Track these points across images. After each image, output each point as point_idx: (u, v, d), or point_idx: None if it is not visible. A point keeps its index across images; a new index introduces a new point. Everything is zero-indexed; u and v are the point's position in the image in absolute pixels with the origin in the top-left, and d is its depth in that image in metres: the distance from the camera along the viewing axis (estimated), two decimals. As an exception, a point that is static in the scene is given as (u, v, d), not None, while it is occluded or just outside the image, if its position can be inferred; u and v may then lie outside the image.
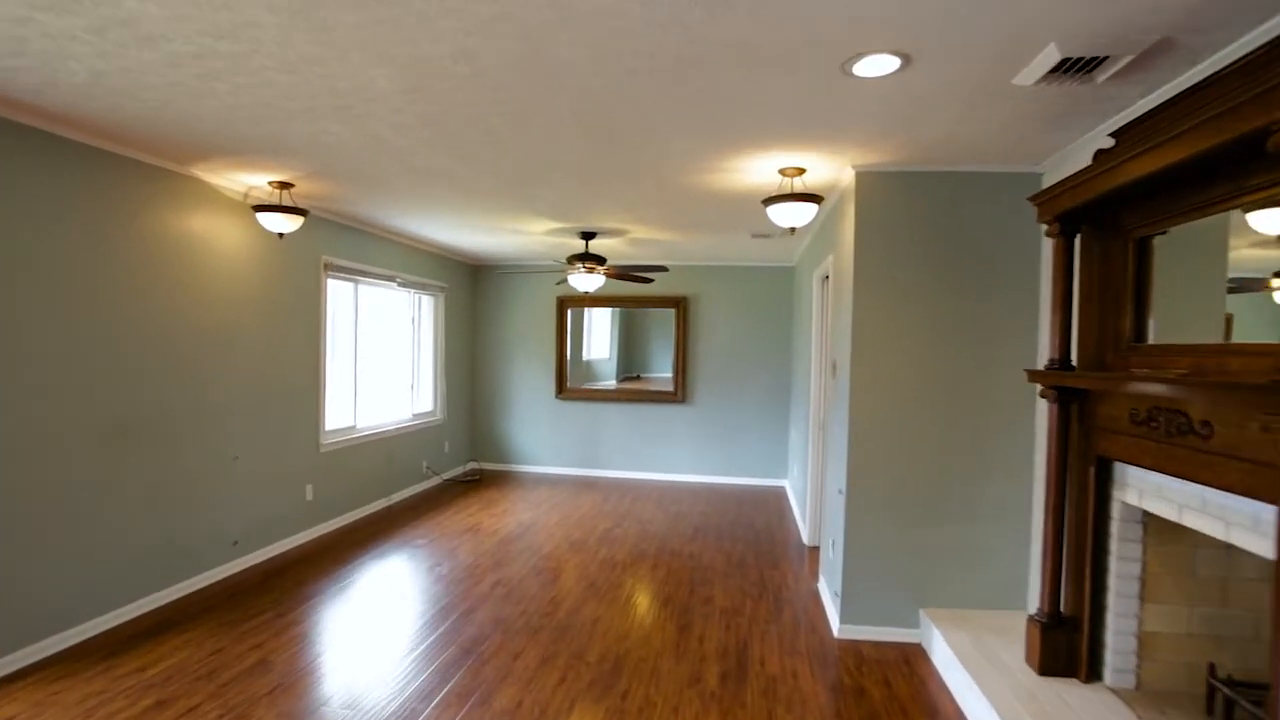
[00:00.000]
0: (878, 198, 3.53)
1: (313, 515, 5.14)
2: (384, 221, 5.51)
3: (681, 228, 5.44)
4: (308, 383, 5.07)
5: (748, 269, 7.58)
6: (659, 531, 5.61)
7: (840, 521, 3.69)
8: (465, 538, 5.32)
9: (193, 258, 4.03)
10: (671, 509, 6.39)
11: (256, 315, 4.54)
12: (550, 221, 5.28)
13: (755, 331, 7.58)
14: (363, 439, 5.81)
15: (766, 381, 7.56)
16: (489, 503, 6.49)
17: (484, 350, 8.13)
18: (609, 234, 5.75)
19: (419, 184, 4.17)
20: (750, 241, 6.03)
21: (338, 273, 5.40)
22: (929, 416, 3.50)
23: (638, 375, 8.08)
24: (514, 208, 4.78)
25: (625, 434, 7.83)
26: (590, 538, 5.39)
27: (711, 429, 7.67)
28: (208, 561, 4.14)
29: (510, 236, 6.09)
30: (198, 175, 3.97)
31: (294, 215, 4.22)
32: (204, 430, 4.11)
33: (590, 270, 5.67)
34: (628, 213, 4.89)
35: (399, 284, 6.32)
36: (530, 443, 8.04)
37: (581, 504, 6.51)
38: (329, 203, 4.82)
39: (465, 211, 5.00)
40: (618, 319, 8.12)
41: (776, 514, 6.28)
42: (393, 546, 5.04)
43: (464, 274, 7.76)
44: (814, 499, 5.22)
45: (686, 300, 7.66)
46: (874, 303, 3.53)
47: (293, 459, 4.92)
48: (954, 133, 2.99)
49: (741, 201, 4.37)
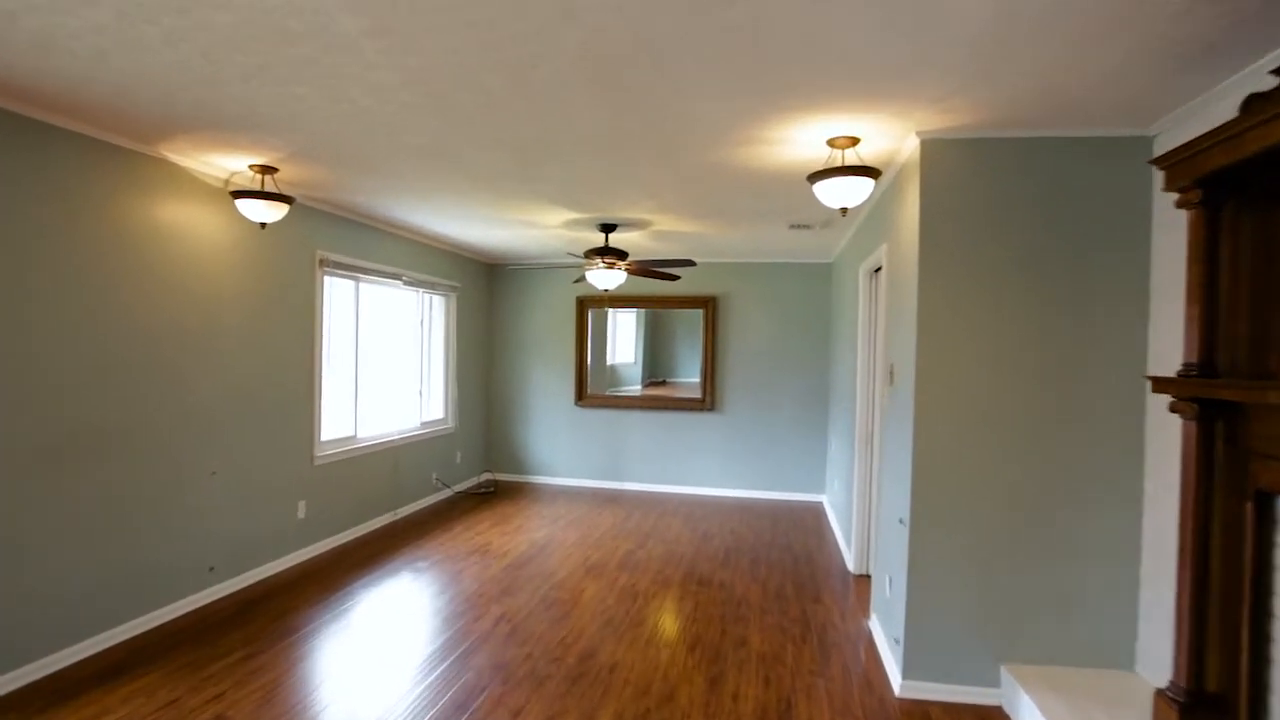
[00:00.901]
0: (947, 171, 2.95)
1: (304, 535, 4.70)
2: (385, 213, 5.07)
3: (710, 217, 4.90)
4: (300, 389, 4.63)
5: (782, 266, 7.00)
6: (686, 554, 5.06)
7: (901, 556, 3.11)
8: (472, 560, 4.83)
9: (164, 251, 3.60)
10: (700, 527, 5.83)
11: (240, 314, 4.11)
12: (565, 211, 4.78)
13: (790, 333, 6.99)
14: (364, 450, 5.37)
15: (802, 388, 6.96)
16: (502, 518, 6.00)
17: (499, 354, 7.67)
18: (630, 226, 5.24)
19: (412, 166, 3.70)
20: (786, 235, 5.46)
21: (335, 269, 4.96)
22: (1012, 433, 2.90)
23: (664, 380, 7.55)
24: (521, 193, 4.29)
25: (649, 444, 7.29)
26: (610, 561, 4.86)
27: (742, 439, 7.09)
28: (177, 590, 3.70)
29: (524, 230, 5.61)
30: (168, 158, 3.55)
31: (278, 203, 3.77)
32: (176, 442, 3.68)
33: (610, 266, 5.15)
34: (650, 199, 4.36)
35: (405, 282, 5.87)
36: (548, 453, 7.54)
37: (601, 521, 5.99)
38: (321, 191, 4.38)
39: (469, 200, 4.52)
40: (643, 321, 7.59)
41: (815, 534, 5.68)
42: (391, 570, 4.57)
43: (478, 273, 7.30)
44: (860, 520, 4.62)
45: (715, 300, 7.10)
46: (943, 298, 2.95)
47: (282, 473, 4.48)
48: (1051, 84, 2.41)
49: (780, 182, 3.81)
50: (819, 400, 6.93)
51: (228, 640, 3.41)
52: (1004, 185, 2.91)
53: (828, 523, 6.09)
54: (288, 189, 4.24)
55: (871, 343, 4.58)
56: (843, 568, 4.83)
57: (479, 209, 4.81)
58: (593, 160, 3.51)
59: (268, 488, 4.34)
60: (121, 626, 3.36)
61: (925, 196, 2.96)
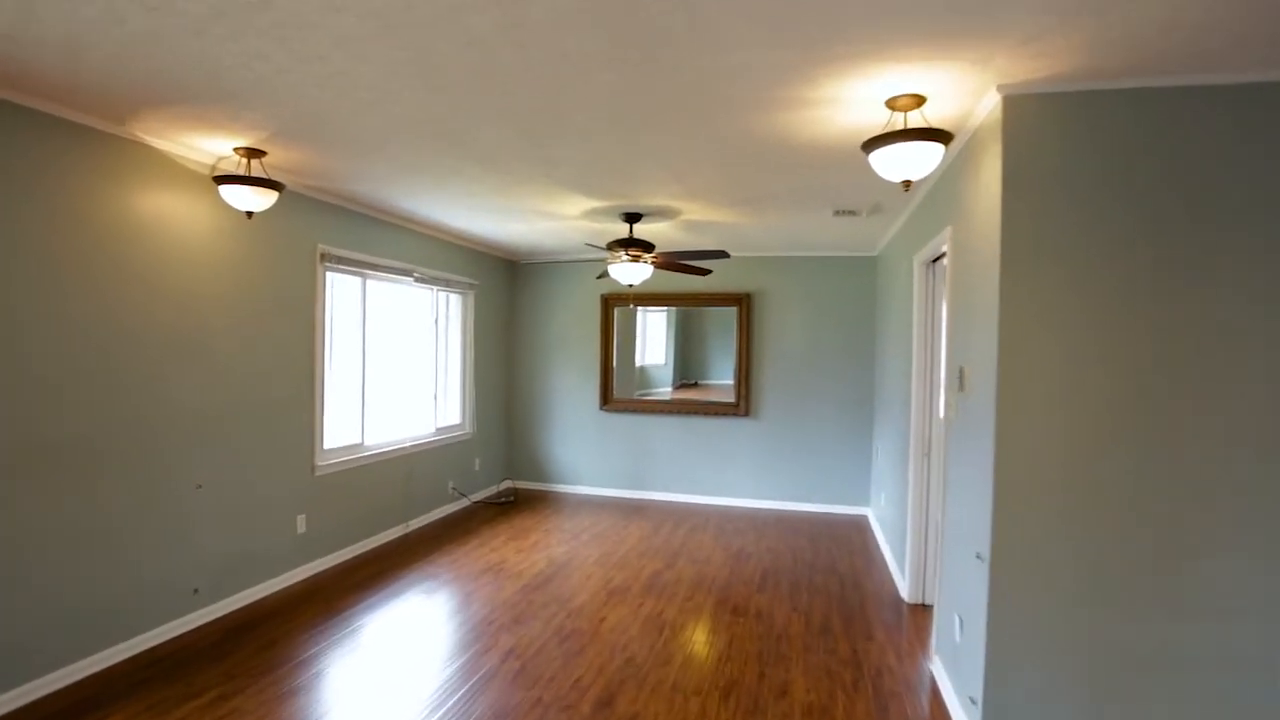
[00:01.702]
0: (1038, 133, 2.43)
1: (304, 551, 4.35)
2: (392, 204, 4.70)
3: (745, 204, 4.42)
4: (298, 394, 4.29)
5: (822, 260, 6.46)
6: (719, 577, 4.58)
7: (978, 596, 2.59)
8: (484, 580, 4.42)
9: (145, 244, 3.27)
10: (734, 544, 5.34)
11: (231, 313, 3.78)
12: (584, 199, 4.35)
13: (831, 333, 6.46)
14: (372, 458, 5.01)
15: (845, 392, 6.42)
16: (519, 532, 5.59)
17: (521, 356, 7.28)
18: (657, 216, 4.78)
19: (408, 145, 3.31)
20: (829, 224, 4.95)
21: (338, 264, 4.61)
22: (1128, 452, 2.36)
23: (695, 382, 7.07)
24: (535, 178, 3.87)
25: (679, 451, 6.82)
26: (634, 583, 4.41)
27: (779, 446, 6.58)
28: (156, 616, 3.36)
29: (543, 222, 5.20)
30: (143, 140, 3.22)
31: (265, 189, 3.42)
32: (157, 454, 3.35)
33: (635, 258, 4.70)
34: (676, 183, 3.91)
35: (417, 279, 5.51)
36: (571, 460, 7.13)
37: (627, 535, 5.54)
38: (320, 180, 4.02)
39: (479, 188, 4.12)
40: (673, 320, 7.13)
41: (861, 553, 5.15)
42: (396, 590, 4.19)
43: (497, 269, 6.93)
44: (916, 542, 4.09)
45: (750, 297, 6.60)
46: (1034, 288, 2.43)
47: (278, 485, 4.13)
48: (1178, 14, 1.89)
49: (827, 156, 3.32)
50: (863, 405, 6.38)
51: (204, 676, 3.05)
52: (1115, 150, 2.38)
53: (874, 540, 5.54)
54: (284, 178, 3.90)
55: (928, 342, 4.05)
56: (895, 596, 4.30)
57: (492, 198, 4.41)
58: (609, 135, 3.06)
59: (262, 501, 4.00)
60: (84, 661, 3.03)
61: (1009, 166, 2.45)
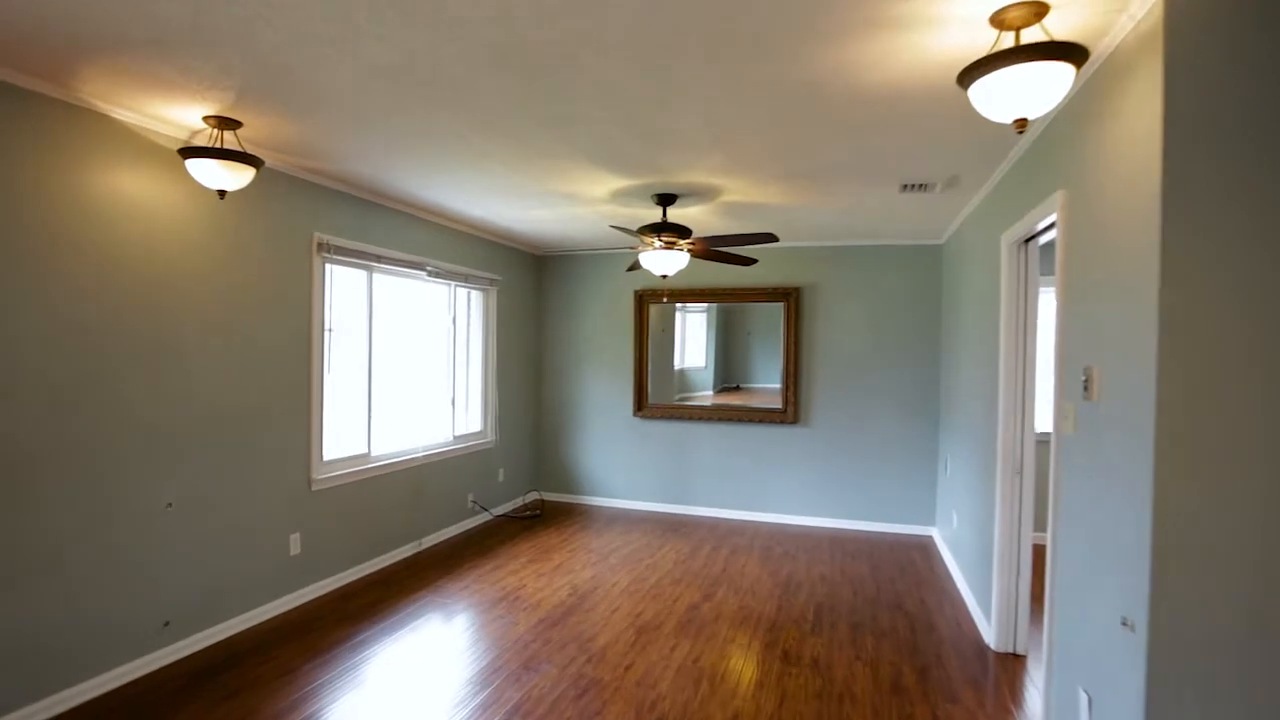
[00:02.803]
0: (1218, 50, 1.77)
1: (297, 575, 3.89)
2: (398, 188, 4.23)
3: (797, 178, 3.80)
4: (292, 400, 3.83)
5: (880, 250, 5.77)
6: (766, 612, 3.96)
7: (1126, 678, 1.93)
8: (498, 611, 3.90)
9: (102, 229, 2.85)
10: (782, 570, 4.70)
11: (209, 309, 3.34)
12: (610, 175, 3.79)
13: (890, 331, 5.76)
14: (380, 470, 4.55)
15: (906, 397, 5.72)
16: (543, 551, 5.06)
17: (549, 357, 6.77)
18: (693, 197, 4.20)
19: (392, 103, 2.79)
20: (892, 204, 4.28)
21: (339, 255, 4.16)
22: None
23: (737, 385, 6.44)
24: (550, 147, 3.32)
25: (720, 462, 6.21)
26: (667, 619, 3.83)
27: (832, 458, 5.90)
28: (117, 655, 2.92)
29: (567, 208, 4.67)
30: (95, 106, 2.79)
31: (239, 165, 2.96)
32: (118, 469, 2.92)
33: (669, 245, 4.12)
34: (717, 151, 3.31)
35: (431, 274, 5.04)
36: (602, 471, 6.58)
37: (661, 557, 4.96)
38: (309, 157, 3.56)
39: (489, 163, 3.60)
40: (713, 318, 6.52)
41: (931, 584, 4.45)
42: (394, 624, 3.69)
43: (522, 264, 6.43)
44: (1006, 578, 3.40)
45: (799, 291, 5.95)
46: (1214, 261, 1.76)
47: (267, 502, 3.69)
48: None
49: (903, 103, 2.69)
50: (927, 413, 5.66)
51: (153, 734, 2.60)
52: (1319, 63, 1.70)
53: (944, 567, 4.83)
54: (264, 154, 3.45)
55: (1019, 340, 3.36)
56: (978, 642, 3.61)
57: (506, 177, 3.89)
58: (629, 77, 2.50)
59: (248, 520, 3.55)
60: (25, 710, 2.60)
61: (1175, 95, 1.78)
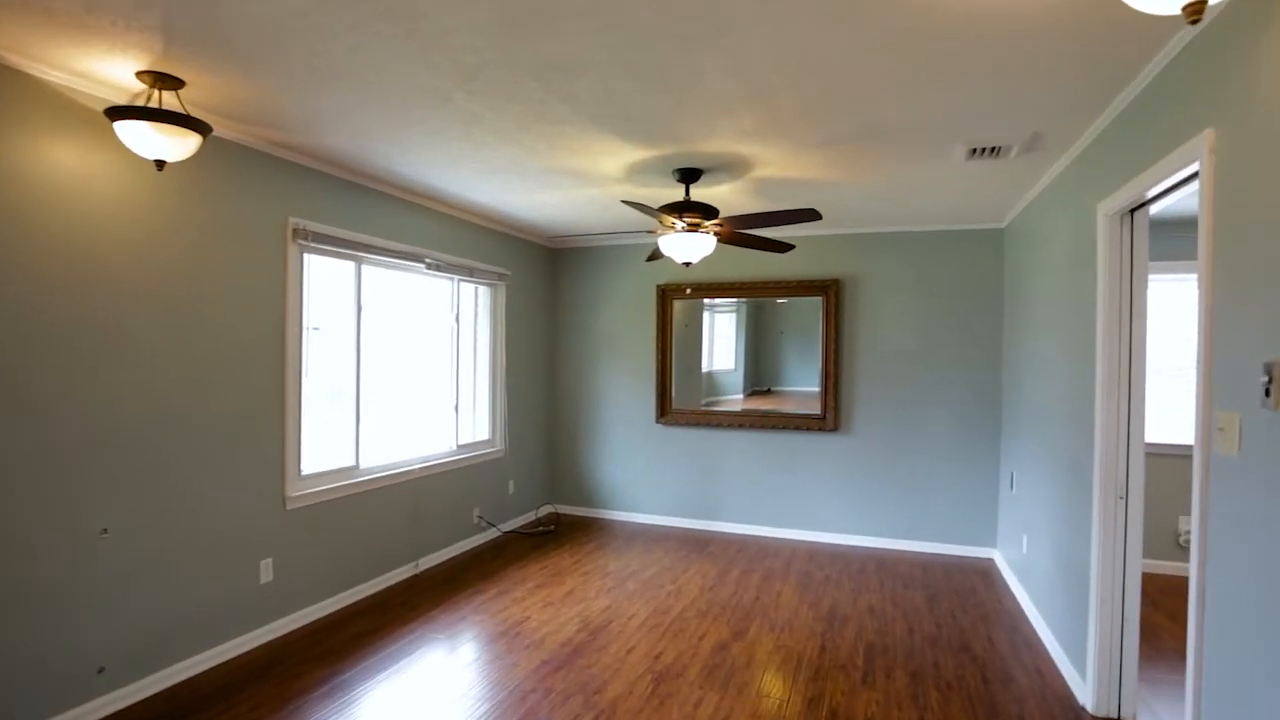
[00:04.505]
0: None
1: (269, 606, 3.42)
2: (386, 167, 3.75)
3: (845, 143, 3.21)
4: (262, 406, 3.37)
5: (932, 236, 5.14)
6: (807, 653, 3.37)
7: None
8: (496, 649, 3.38)
9: (13, 205, 2.41)
10: (824, 600, 4.11)
11: (156, 302, 2.89)
12: (623, 145, 3.26)
13: (943, 327, 5.12)
14: (370, 484, 4.07)
15: (962, 403, 5.07)
16: (554, 574, 4.54)
17: (564, 359, 6.25)
18: (720, 171, 3.64)
19: (351, 49, 2.30)
20: (952, 176, 3.67)
21: (319, 244, 3.69)
22: None
23: (768, 389, 5.85)
24: (547, 108, 2.79)
25: (752, 472, 5.62)
26: (690, 662, 3.27)
27: (876, 469, 5.28)
28: (36, 709, 2.47)
29: (578, 188, 4.15)
30: (11, 62, 2.35)
31: (177, 129, 2.49)
32: (37, 491, 2.47)
33: (693, 227, 3.57)
34: (748, 109, 2.75)
35: (430, 267, 4.56)
36: (623, 482, 6.04)
37: (685, 583, 4.40)
38: (274, 127, 3.09)
39: (479, 132, 3.08)
40: (743, 315, 5.94)
41: (1000, 619, 3.81)
42: (375, 664, 3.19)
43: (532, 257, 5.93)
44: (1107, 625, 2.77)
45: (839, 284, 5.34)
46: None
47: (232, 523, 3.22)
48: None
49: (994, 25, 2.11)
50: (987, 421, 5.00)
51: (56, 820, 2.13)
52: None
53: (1011, 597, 4.18)
54: (220, 122, 2.99)
55: (1123, 335, 2.73)
56: (1068, 699, 2.97)
57: (500, 148, 3.38)
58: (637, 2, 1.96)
59: (208, 545, 3.09)
60: (-93, 785, 2.16)
61: None
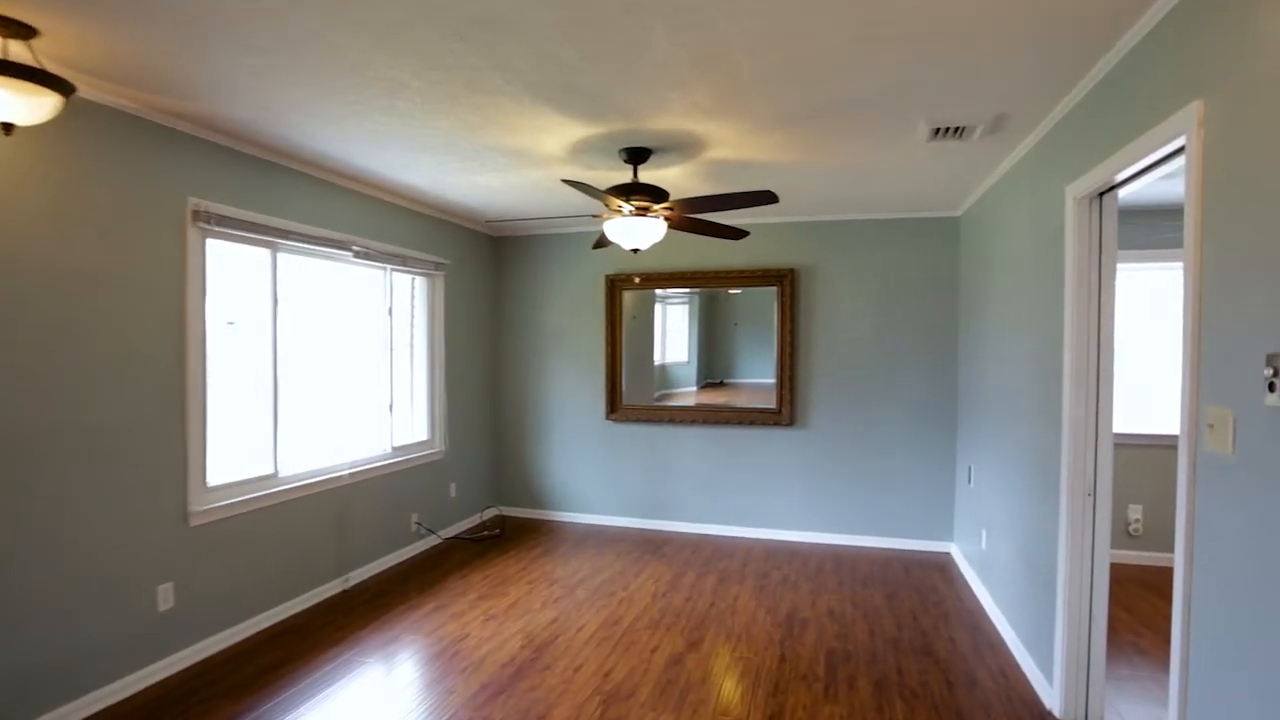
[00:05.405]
0: None
1: (169, 637, 3.03)
2: (302, 143, 3.37)
3: (801, 120, 3.00)
4: (156, 411, 2.98)
5: (888, 225, 5.02)
6: (766, 664, 3.18)
7: None
8: (430, 673, 3.08)
9: None
10: (782, 603, 3.94)
11: (23, 298, 2.48)
12: (565, 120, 2.98)
13: (900, 319, 5.01)
14: (291, 493, 3.70)
15: (919, 395, 4.98)
16: (498, 583, 4.25)
17: (508, 354, 5.93)
18: (670, 151, 3.40)
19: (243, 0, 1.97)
20: (912, 160, 3.52)
21: (225, 228, 3.29)
22: None
23: (722, 381, 5.66)
24: (478, 76, 2.49)
25: (706, 469, 5.43)
26: (642, 680, 3.04)
27: (833, 464, 5.15)
28: None
29: (517, 170, 3.84)
30: None
31: (29, 86, 2.10)
32: None
33: (641, 211, 3.32)
34: (701, 77, 2.51)
35: (358, 254, 4.19)
36: (572, 482, 5.77)
37: (637, 589, 4.17)
38: (162, 93, 2.69)
39: (401, 105, 2.75)
40: (696, 309, 5.72)
41: (961, 618, 3.71)
42: (293, 698, 2.85)
43: (475, 245, 5.59)
44: (1074, 628, 2.66)
45: (794, 273, 5.18)
46: None
47: (121, 545, 2.83)
48: None
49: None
50: (943, 413, 4.92)
51: None
52: None
53: (970, 593, 4.09)
54: (94, 84, 2.59)
55: (1089, 326, 2.61)
56: (1034, 704, 2.86)
57: (429, 122, 3.05)
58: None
59: (87, 572, 2.69)
60: None
61: None
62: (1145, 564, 4.52)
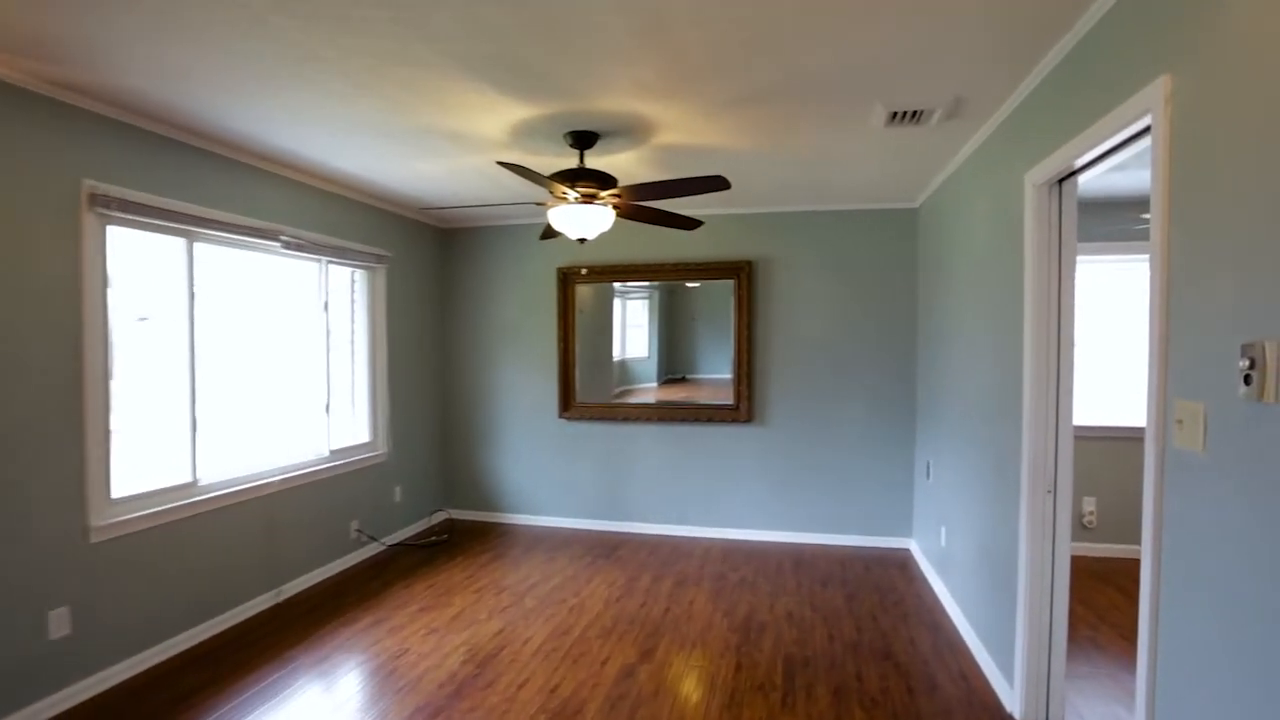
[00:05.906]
0: None
1: (63, 667, 2.74)
2: (215, 121, 3.09)
3: (754, 101, 2.85)
4: (48, 418, 2.68)
5: (845, 216, 4.92)
6: (721, 674, 3.04)
7: None
8: (364, 695, 2.86)
9: None
10: (740, 606, 3.80)
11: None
12: (504, 100, 2.77)
13: (858, 313, 4.93)
14: (213, 502, 3.42)
15: (878, 391, 4.90)
16: (443, 592, 4.03)
17: (455, 351, 5.68)
18: (618, 135, 3.22)
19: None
20: (868, 147, 3.40)
21: (129, 214, 2.99)
22: None
23: (683, 376, 5.51)
24: (403, 47, 2.27)
25: (663, 469, 5.28)
26: (591, 698, 2.86)
27: (792, 462, 5.05)
28: None
29: (458, 156, 3.61)
30: None
31: None
32: None
33: (587, 198, 3.13)
34: (648, 51, 2.33)
35: (287, 246, 3.91)
36: (524, 483, 5.56)
37: (590, 594, 3.99)
38: (41, 60, 2.41)
39: (321, 79, 2.51)
40: (656, 303, 5.55)
41: (920, 617, 3.62)
42: (208, 729, 2.61)
43: (420, 237, 5.33)
44: (1035, 631, 2.57)
45: (752, 266, 5.05)
46: None
47: (8, 568, 2.54)
48: None
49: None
50: (902, 408, 4.86)
51: None
52: None
53: (930, 591, 4.02)
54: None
55: (1050, 318, 2.52)
56: (994, 707, 2.78)
57: (355, 100, 2.81)
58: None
59: (-32, 597, 2.41)
60: None
61: None
62: (1099, 555, 4.52)
